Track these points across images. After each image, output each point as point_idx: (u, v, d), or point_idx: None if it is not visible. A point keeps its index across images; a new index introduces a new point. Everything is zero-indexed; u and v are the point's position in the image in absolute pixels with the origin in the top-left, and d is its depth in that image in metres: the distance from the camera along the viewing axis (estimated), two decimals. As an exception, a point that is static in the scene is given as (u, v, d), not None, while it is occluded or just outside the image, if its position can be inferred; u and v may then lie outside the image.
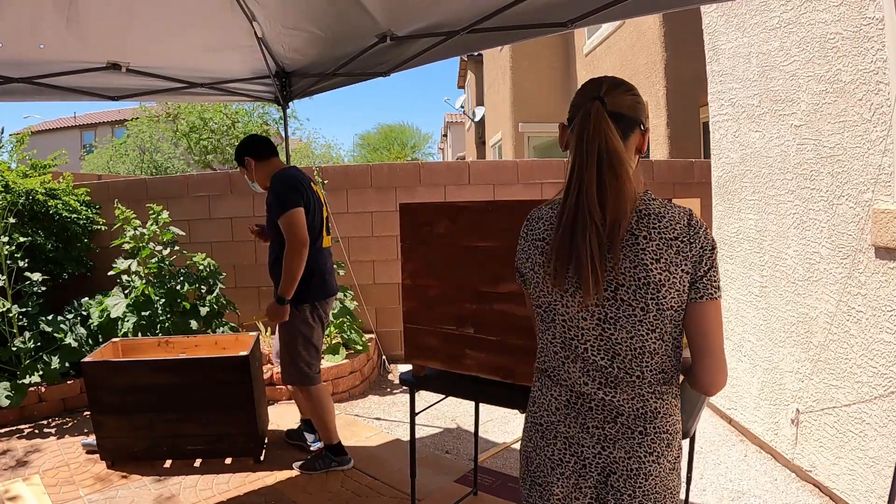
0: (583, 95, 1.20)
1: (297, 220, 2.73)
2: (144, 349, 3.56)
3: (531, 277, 1.23)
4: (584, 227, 1.10)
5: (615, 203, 1.10)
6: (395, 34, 3.01)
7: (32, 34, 2.82)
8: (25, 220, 4.65)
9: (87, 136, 25.74)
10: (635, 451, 1.15)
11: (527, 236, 1.26)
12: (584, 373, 1.18)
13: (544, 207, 1.25)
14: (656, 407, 1.16)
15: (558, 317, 1.19)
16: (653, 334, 1.13)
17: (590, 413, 1.18)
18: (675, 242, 1.12)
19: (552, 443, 1.22)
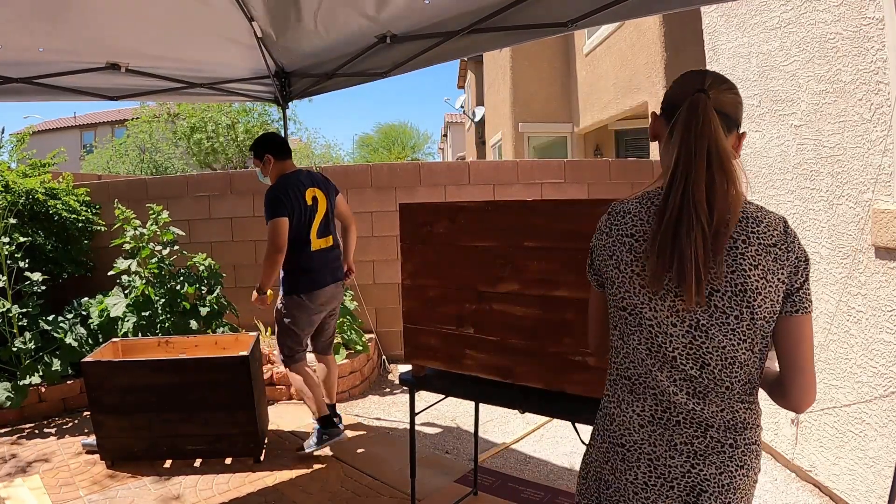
0: (684, 86, 1.14)
1: (275, 229, 2.99)
2: (144, 349, 3.57)
3: (615, 277, 1.13)
4: (689, 227, 1.02)
5: (724, 203, 1.04)
6: (395, 35, 3.01)
7: (32, 35, 2.82)
8: (25, 220, 4.65)
9: (87, 136, 25.75)
10: (726, 465, 1.08)
11: (611, 232, 1.15)
12: (672, 381, 1.09)
13: (630, 201, 1.15)
14: (745, 418, 1.10)
15: (645, 321, 1.09)
16: (743, 344, 1.07)
17: (677, 428, 1.09)
18: (773, 249, 1.06)
19: (635, 465, 1.11)
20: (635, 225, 1.12)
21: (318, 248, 3.20)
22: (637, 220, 1.12)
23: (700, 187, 1.03)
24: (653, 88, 7.80)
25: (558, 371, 1.97)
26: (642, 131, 8.75)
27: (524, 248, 2.02)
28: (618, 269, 1.12)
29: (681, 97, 1.12)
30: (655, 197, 1.12)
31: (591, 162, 5.82)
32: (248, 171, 5.88)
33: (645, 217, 1.11)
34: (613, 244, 1.14)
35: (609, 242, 1.15)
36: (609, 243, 1.15)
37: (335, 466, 3.24)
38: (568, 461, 3.28)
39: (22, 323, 4.16)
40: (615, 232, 1.14)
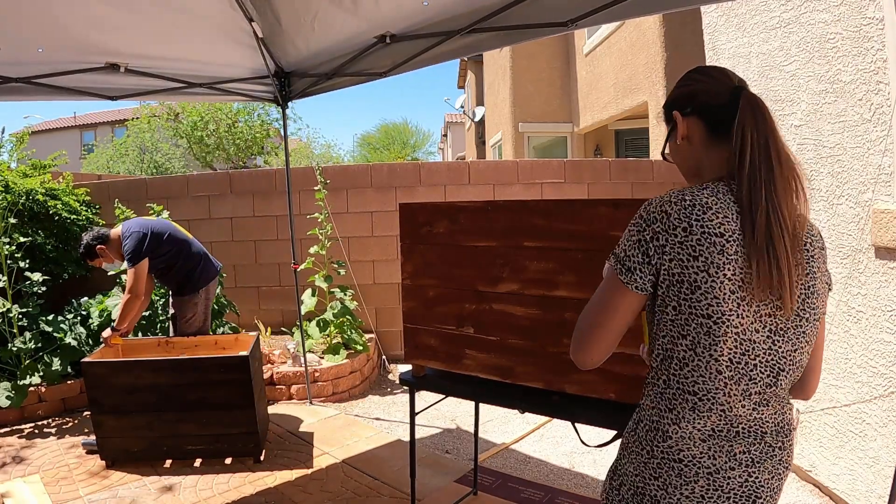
0: (717, 83, 1.11)
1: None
2: (144, 349, 3.57)
3: (700, 281, 0.99)
4: (779, 231, 0.99)
5: (795, 205, 1.03)
6: (395, 35, 3.01)
7: (31, 35, 2.82)
8: (25, 221, 4.65)
9: (87, 135, 25.76)
10: (776, 468, 1.08)
11: (692, 228, 1.00)
12: (745, 395, 1.04)
13: (702, 193, 1.03)
14: (789, 419, 1.10)
15: (731, 329, 1.00)
16: (808, 346, 1.08)
17: (737, 438, 1.05)
18: (823, 253, 1.09)
19: (692, 481, 1.04)
20: (722, 223, 0.99)
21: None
22: (723, 217, 1.00)
23: (782, 192, 1.01)
24: (653, 88, 7.80)
25: (558, 371, 1.97)
26: (642, 131, 8.74)
27: (524, 248, 2.02)
28: (707, 273, 0.98)
29: (720, 94, 1.09)
30: (727, 192, 1.03)
31: (591, 162, 5.82)
32: (248, 171, 5.88)
33: (729, 215, 1.00)
34: (699, 243, 0.99)
35: (691, 241, 0.99)
36: (691, 241, 0.99)
37: (335, 466, 3.24)
38: (568, 461, 3.28)
39: (22, 323, 4.16)
40: (699, 229, 0.99)
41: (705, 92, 1.11)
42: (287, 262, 5.01)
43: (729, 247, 0.99)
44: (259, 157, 16.96)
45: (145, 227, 3.39)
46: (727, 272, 0.98)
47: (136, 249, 3.28)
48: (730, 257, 0.99)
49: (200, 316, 3.65)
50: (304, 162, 19.71)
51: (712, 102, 1.09)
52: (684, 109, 1.13)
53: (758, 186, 1.00)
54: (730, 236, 0.99)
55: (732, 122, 1.05)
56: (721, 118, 1.08)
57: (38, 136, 19.07)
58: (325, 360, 4.50)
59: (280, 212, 5.37)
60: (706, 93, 1.10)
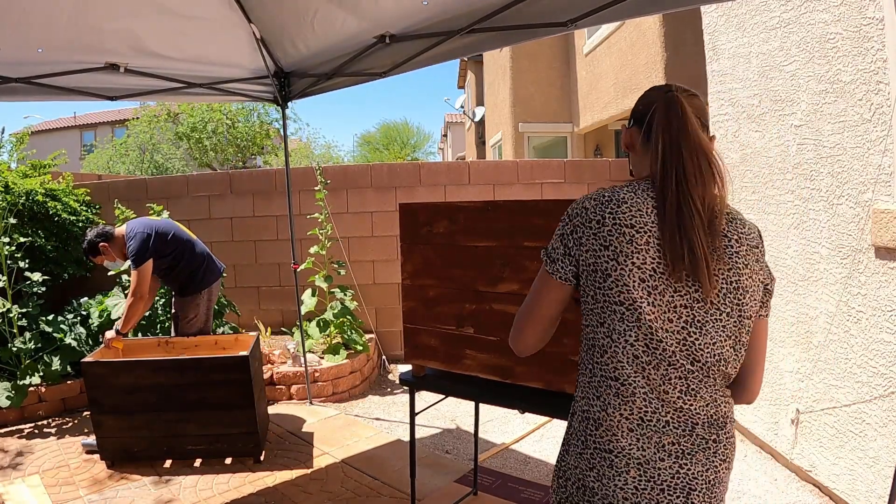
0: (651, 95, 1.17)
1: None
2: (144, 349, 3.57)
3: (610, 269, 1.06)
4: (690, 216, 1.03)
5: (711, 190, 1.06)
6: (395, 35, 3.01)
7: (31, 35, 2.82)
8: (25, 221, 4.65)
9: (87, 135, 25.76)
10: (711, 460, 1.10)
11: (604, 220, 1.07)
12: (666, 379, 1.07)
13: (622, 190, 1.10)
14: (725, 412, 1.12)
15: (644, 316, 1.04)
16: (729, 341, 1.09)
17: (666, 428, 1.08)
18: (756, 251, 1.11)
19: (624, 472, 1.08)
20: (634, 215, 1.06)
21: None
22: (636, 210, 1.06)
23: (692, 178, 1.05)
24: (653, 88, 7.79)
25: (558, 371, 1.97)
26: (642, 131, 8.74)
27: (524, 248, 2.02)
28: (616, 262, 1.05)
29: (651, 103, 1.15)
30: (648, 188, 1.10)
31: (591, 162, 5.82)
32: (248, 171, 5.88)
33: (644, 208, 1.06)
34: (610, 233, 1.06)
35: (603, 232, 1.06)
36: (603, 233, 1.06)
37: (335, 466, 3.24)
38: (568, 461, 3.28)
39: (22, 323, 4.16)
40: (611, 220, 1.06)
41: (639, 105, 1.17)
42: (287, 262, 5.01)
43: (638, 237, 1.04)
44: (259, 158, 16.97)
45: (150, 227, 3.39)
46: (635, 261, 1.04)
47: (140, 251, 3.27)
48: (639, 246, 1.04)
49: (202, 317, 3.66)
50: (303, 162, 19.71)
51: (643, 110, 1.16)
52: (629, 122, 1.21)
53: (669, 175, 1.05)
54: (640, 227, 1.05)
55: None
56: (650, 122, 1.14)
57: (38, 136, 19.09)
58: (325, 360, 4.50)
59: (280, 212, 5.36)
60: (642, 102, 1.17)
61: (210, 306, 3.71)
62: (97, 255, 3.44)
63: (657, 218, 1.05)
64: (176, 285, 3.59)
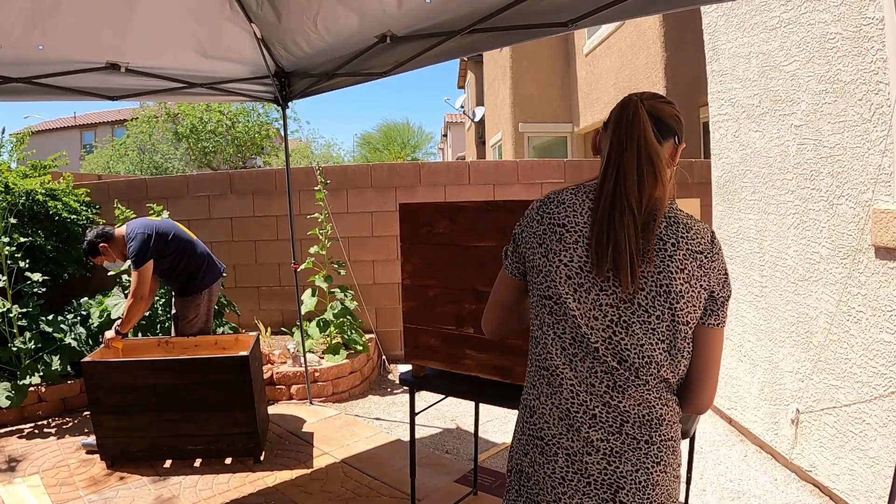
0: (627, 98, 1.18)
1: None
2: (144, 349, 3.57)
3: (541, 265, 1.12)
4: (621, 213, 1.06)
5: (652, 192, 1.08)
6: (395, 34, 3.01)
7: (32, 34, 2.82)
8: (25, 221, 4.65)
9: (87, 136, 25.76)
10: (642, 461, 1.10)
11: (542, 220, 1.14)
12: (592, 373, 1.10)
13: (565, 192, 1.16)
14: (662, 414, 1.12)
15: (569, 311, 1.09)
16: (661, 345, 1.09)
17: (593, 422, 1.10)
18: (700, 256, 1.10)
19: (553, 459, 1.13)
20: (568, 216, 1.12)
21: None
22: (570, 210, 1.12)
23: (631, 178, 1.08)
24: (653, 88, 7.80)
25: (558, 371, 1.97)
26: (642, 131, 8.75)
27: (524, 248, 2.02)
28: (546, 258, 1.12)
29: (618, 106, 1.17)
30: (591, 190, 1.14)
31: (591, 162, 5.82)
32: (249, 171, 5.88)
33: (579, 209, 1.12)
34: (544, 232, 1.13)
35: (539, 230, 1.14)
36: (539, 231, 1.14)
37: (335, 466, 3.24)
38: (568, 461, 3.28)
39: (22, 323, 4.16)
40: (546, 220, 1.14)
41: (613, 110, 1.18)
42: (287, 262, 5.01)
43: (567, 236, 1.11)
44: (258, 158, 16.97)
45: (150, 227, 3.38)
46: (563, 258, 1.10)
47: (140, 251, 3.26)
48: (567, 245, 1.10)
49: (202, 317, 3.66)
50: (303, 162, 19.72)
51: (611, 117, 1.18)
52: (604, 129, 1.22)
53: (609, 175, 1.09)
54: (571, 227, 1.11)
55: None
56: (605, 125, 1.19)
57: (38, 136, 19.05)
58: (325, 360, 4.50)
59: (280, 212, 5.37)
60: (613, 110, 1.18)
61: (210, 307, 3.71)
62: (97, 256, 3.44)
63: (590, 218, 1.10)
64: (176, 286, 3.59)
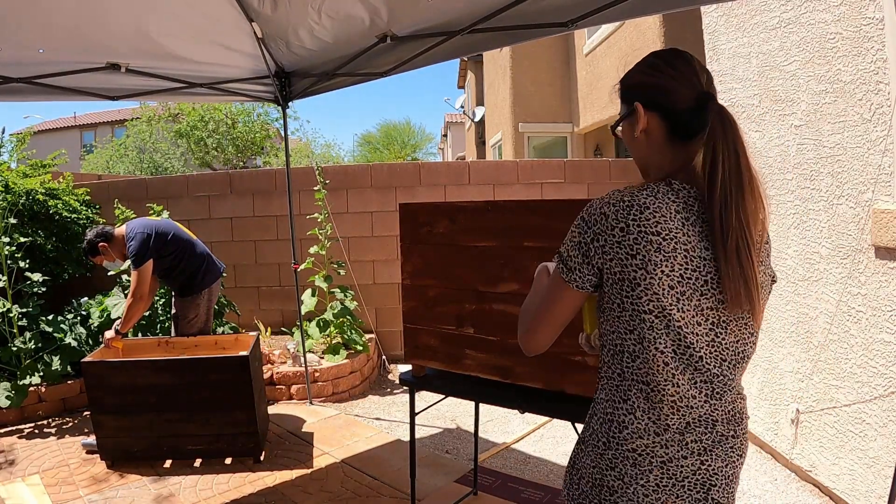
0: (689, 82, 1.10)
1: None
2: (144, 349, 3.57)
3: (639, 278, 1.03)
4: (747, 251, 1.03)
5: (762, 223, 1.07)
6: (395, 34, 3.01)
7: (32, 35, 2.82)
8: (26, 221, 4.65)
9: (87, 135, 25.75)
10: (729, 456, 1.11)
11: (629, 228, 1.03)
12: (693, 384, 1.07)
13: (642, 194, 1.05)
14: (742, 408, 1.13)
15: (673, 322, 1.04)
16: (752, 337, 1.12)
17: (688, 427, 1.08)
18: (767, 247, 1.13)
19: (647, 470, 1.08)
20: (659, 222, 1.03)
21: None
22: (660, 216, 1.03)
23: (751, 211, 1.04)
24: (653, 88, 7.79)
25: (558, 371, 1.97)
26: (642, 131, 8.76)
27: (524, 248, 2.02)
28: (645, 270, 1.02)
29: (688, 98, 1.09)
30: (667, 192, 1.06)
31: (591, 162, 5.82)
32: (249, 171, 5.88)
33: (667, 213, 1.03)
34: (636, 242, 1.02)
35: (629, 240, 1.03)
36: (628, 241, 1.03)
37: (335, 466, 3.24)
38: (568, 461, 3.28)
39: (22, 323, 4.16)
40: (635, 228, 1.02)
41: (674, 91, 1.09)
42: (287, 262, 5.01)
43: (665, 245, 1.02)
44: (258, 158, 16.97)
45: (150, 227, 3.38)
46: (665, 269, 1.02)
47: (139, 251, 3.27)
48: (667, 254, 1.02)
49: (202, 317, 3.66)
50: (304, 162, 19.72)
51: (679, 107, 1.09)
52: (648, 103, 1.12)
53: (729, 210, 1.03)
54: (666, 234, 1.02)
55: (696, 129, 1.08)
56: (684, 123, 1.09)
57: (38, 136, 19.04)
58: (325, 360, 4.50)
59: (280, 212, 5.37)
60: (674, 93, 1.09)
61: (210, 306, 3.71)
62: (96, 256, 3.44)
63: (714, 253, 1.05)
64: (176, 285, 3.59)
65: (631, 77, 1.17)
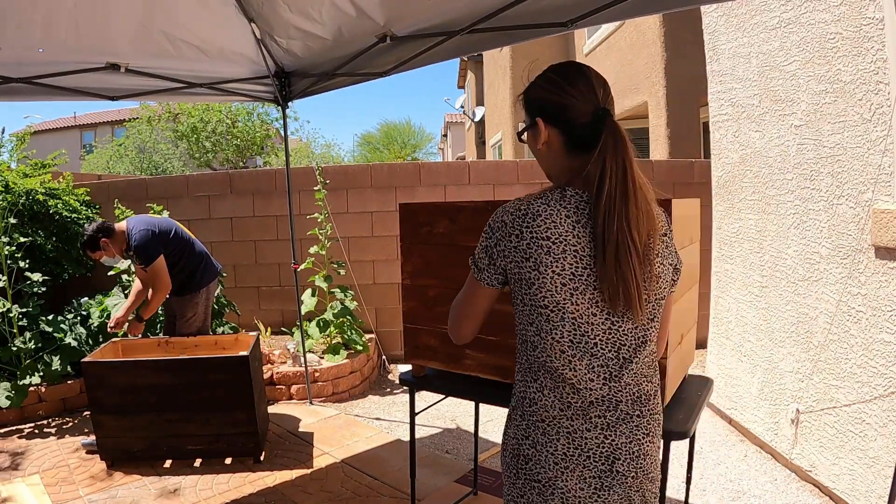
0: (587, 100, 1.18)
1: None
2: (144, 349, 3.57)
3: (533, 278, 1.16)
4: (626, 256, 1.12)
5: (651, 225, 1.15)
6: (395, 34, 3.01)
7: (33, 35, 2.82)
8: (25, 221, 4.65)
9: (87, 135, 25.75)
10: (634, 433, 1.21)
11: (522, 234, 1.16)
12: (590, 369, 1.18)
13: (535, 202, 1.18)
14: (648, 390, 1.23)
15: (568, 315, 1.15)
16: (652, 322, 1.21)
17: (591, 406, 1.19)
18: (665, 238, 1.22)
19: (555, 439, 1.21)
20: (549, 227, 1.14)
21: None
22: (550, 221, 1.14)
23: (633, 219, 1.12)
24: (653, 88, 7.80)
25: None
26: (642, 131, 8.76)
27: (524, 248, 2.02)
28: (537, 271, 1.14)
29: (585, 114, 1.17)
30: (563, 199, 1.16)
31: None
32: (248, 171, 5.88)
33: (557, 219, 1.14)
34: (528, 246, 1.15)
35: (522, 245, 1.15)
36: (522, 245, 1.15)
37: (335, 466, 3.24)
38: (568, 461, 3.27)
39: (22, 323, 4.16)
40: (528, 234, 1.15)
41: (572, 108, 1.18)
42: (287, 262, 5.01)
43: (555, 248, 1.13)
44: (258, 158, 16.97)
45: (152, 224, 3.44)
46: (555, 268, 1.13)
47: (150, 248, 3.35)
48: (556, 256, 1.13)
49: (200, 315, 3.66)
50: (304, 162, 19.72)
51: (577, 122, 1.18)
52: (548, 119, 1.21)
53: (612, 218, 1.12)
54: (556, 238, 1.13)
55: (592, 142, 1.16)
56: (582, 137, 1.19)
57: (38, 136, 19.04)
58: (325, 360, 4.50)
59: (280, 212, 5.37)
60: (573, 109, 1.18)
61: (208, 305, 3.71)
62: (97, 251, 3.43)
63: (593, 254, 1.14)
64: (175, 284, 3.59)
65: (533, 91, 1.25)
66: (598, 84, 1.20)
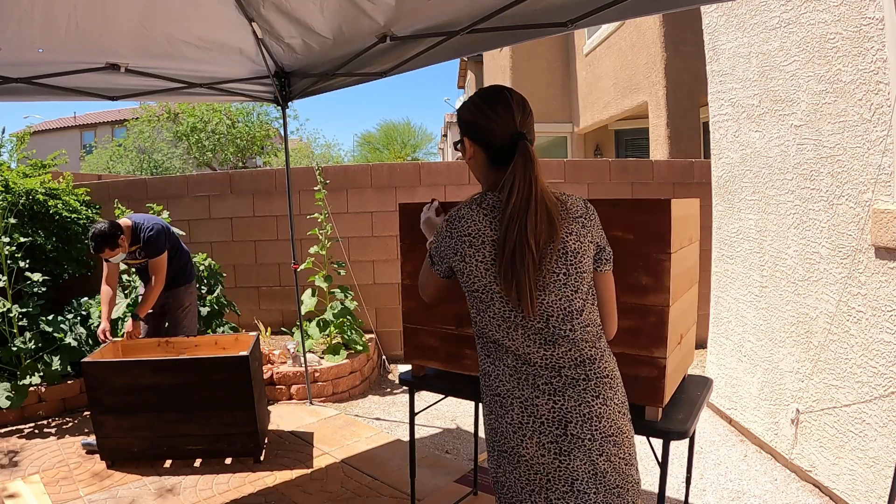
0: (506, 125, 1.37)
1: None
2: (144, 349, 3.57)
3: (463, 268, 1.38)
4: (521, 260, 1.29)
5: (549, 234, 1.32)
6: (395, 34, 3.01)
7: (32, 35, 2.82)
8: (25, 221, 4.65)
9: (87, 135, 25.75)
10: (582, 396, 1.34)
11: (452, 234, 1.39)
12: (526, 337, 1.35)
13: (462, 207, 1.40)
14: (592, 354, 1.37)
15: (495, 295, 1.36)
16: (576, 294, 1.36)
17: (537, 371, 1.35)
18: (580, 219, 1.39)
19: (510, 409, 1.36)
20: (470, 226, 1.36)
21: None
22: (471, 221, 1.36)
23: (532, 230, 1.29)
24: (653, 88, 7.80)
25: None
26: (642, 131, 8.75)
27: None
28: (464, 262, 1.37)
29: (504, 136, 1.37)
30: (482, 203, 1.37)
31: (591, 162, 5.82)
32: (249, 171, 5.88)
33: (477, 217, 1.36)
34: (456, 244, 1.38)
35: (452, 243, 1.39)
36: (452, 244, 1.39)
37: (335, 466, 3.24)
38: (568, 461, 3.27)
39: (22, 323, 4.16)
40: (455, 234, 1.38)
41: (492, 132, 1.38)
42: (287, 262, 5.01)
43: (475, 241, 1.35)
44: (258, 158, 16.97)
45: (159, 222, 3.63)
46: (478, 257, 1.35)
47: (160, 243, 3.55)
48: (477, 248, 1.35)
49: (195, 305, 3.90)
50: (304, 162, 19.71)
51: (496, 143, 1.39)
52: (474, 138, 1.43)
53: (512, 227, 1.30)
54: (476, 233, 1.35)
55: (508, 158, 1.35)
56: (499, 155, 1.39)
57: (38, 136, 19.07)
58: (325, 360, 4.50)
59: (280, 212, 5.37)
60: (493, 133, 1.38)
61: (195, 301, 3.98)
62: (115, 248, 3.43)
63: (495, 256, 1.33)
64: (170, 276, 3.71)
65: (461, 112, 1.45)
66: (517, 108, 1.38)
